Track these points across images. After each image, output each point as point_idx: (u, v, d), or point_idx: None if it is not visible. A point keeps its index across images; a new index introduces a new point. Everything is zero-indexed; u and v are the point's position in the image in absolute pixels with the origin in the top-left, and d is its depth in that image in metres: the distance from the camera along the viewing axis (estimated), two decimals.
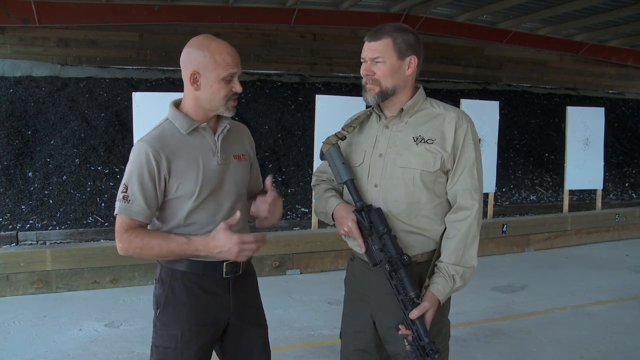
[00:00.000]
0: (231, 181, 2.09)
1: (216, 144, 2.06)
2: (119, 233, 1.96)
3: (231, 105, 2.04)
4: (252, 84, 9.65)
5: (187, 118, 2.03)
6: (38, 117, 7.70)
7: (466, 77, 11.95)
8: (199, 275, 2.05)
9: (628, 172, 10.76)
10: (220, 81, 1.97)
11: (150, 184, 1.95)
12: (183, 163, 1.99)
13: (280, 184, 7.82)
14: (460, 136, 2.05)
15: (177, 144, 2.00)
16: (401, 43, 2.04)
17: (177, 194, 1.99)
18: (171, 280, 2.05)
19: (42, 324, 4.50)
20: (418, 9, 10.28)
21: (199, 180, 2.00)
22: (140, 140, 2.01)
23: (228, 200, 2.08)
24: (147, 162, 1.95)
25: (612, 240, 7.96)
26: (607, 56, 13.47)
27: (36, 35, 8.69)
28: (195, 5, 9.30)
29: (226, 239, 1.93)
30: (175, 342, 2.03)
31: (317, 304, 5.07)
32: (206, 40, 1.99)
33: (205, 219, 2.03)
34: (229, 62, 1.97)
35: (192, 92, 2.01)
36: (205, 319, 2.06)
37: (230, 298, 2.10)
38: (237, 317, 2.13)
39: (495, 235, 7.09)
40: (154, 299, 2.10)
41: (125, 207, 1.95)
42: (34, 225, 6.24)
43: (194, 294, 2.04)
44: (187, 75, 1.99)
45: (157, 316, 2.07)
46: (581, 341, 4.29)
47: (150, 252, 1.96)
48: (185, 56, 2.00)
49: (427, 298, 1.95)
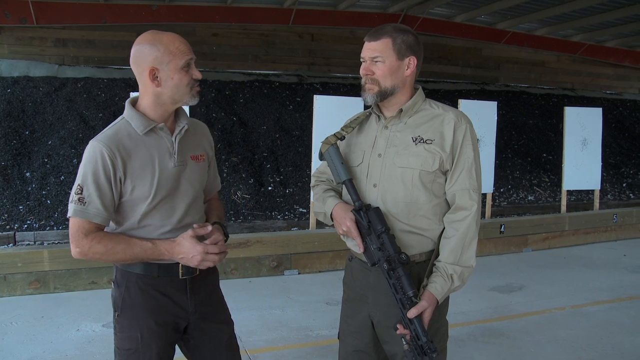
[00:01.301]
0: (187, 183, 2.06)
1: (173, 145, 2.03)
2: (75, 237, 1.92)
3: (195, 92, 2.01)
4: (250, 84, 9.65)
5: (143, 118, 1.99)
6: (36, 118, 7.69)
7: (464, 78, 11.96)
8: (154, 277, 2.03)
9: (625, 172, 10.78)
10: (180, 70, 1.94)
11: (106, 185, 1.91)
12: (138, 164, 1.95)
13: (279, 184, 7.82)
14: (459, 137, 2.06)
15: (133, 145, 1.96)
16: (400, 43, 2.04)
17: (132, 196, 1.96)
18: (127, 283, 2.03)
19: (40, 324, 4.49)
20: (416, 10, 10.28)
21: (155, 183, 1.97)
22: (94, 139, 1.96)
23: (183, 202, 2.05)
24: (102, 162, 1.90)
25: (609, 241, 7.97)
26: (604, 57, 13.49)
27: (34, 35, 8.67)
28: (193, 6, 9.29)
29: (191, 247, 1.95)
30: (136, 344, 2.02)
31: (315, 304, 5.07)
32: (155, 35, 1.96)
33: (159, 222, 2.01)
34: (182, 49, 1.94)
35: (152, 89, 1.96)
36: (164, 320, 2.05)
37: (188, 298, 2.08)
38: (198, 316, 2.12)
39: (493, 236, 7.09)
40: (112, 301, 2.08)
41: (82, 210, 1.90)
42: (31, 225, 6.23)
43: (150, 295, 2.03)
44: (145, 73, 1.94)
45: (115, 319, 2.07)
46: (579, 341, 4.30)
47: (112, 257, 1.95)
48: (138, 55, 1.95)
49: (425, 297, 1.95)
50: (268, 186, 7.74)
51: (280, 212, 7.31)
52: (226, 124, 8.52)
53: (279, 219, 7.17)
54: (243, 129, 8.61)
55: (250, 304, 5.02)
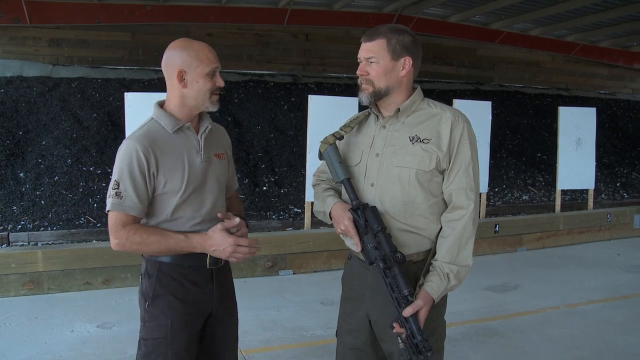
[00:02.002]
0: (213, 178, 2.20)
1: (199, 143, 2.17)
2: (114, 229, 2.02)
3: (215, 99, 2.16)
4: (245, 84, 9.64)
5: (172, 117, 2.13)
6: (29, 118, 7.66)
7: (459, 78, 11.99)
8: (184, 266, 2.12)
9: (619, 172, 10.82)
10: (205, 76, 2.09)
11: (141, 179, 2.03)
12: (170, 160, 2.09)
13: (273, 184, 7.82)
14: (456, 136, 2.06)
15: (164, 142, 2.09)
16: (395, 44, 2.05)
17: (165, 189, 2.08)
18: (158, 273, 2.11)
19: (34, 325, 4.47)
20: (411, 9, 10.30)
21: (185, 177, 2.10)
22: (128, 138, 2.10)
23: (211, 196, 2.18)
24: (137, 158, 2.03)
25: (603, 240, 8.00)
26: (598, 57, 13.55)
27: (27, 35, 8.64)
28: (187, 5, 9.28)
29: (223, 240, 2.07)
30: (165, 332, 2.08)
31: (310, 304, 5.07)
32: (187, 42, 2.12)
33: (190, 214, 2.12)
34: (211, 58, 2.11)
35: (179, 90, 2.11)
36: (193, 308, 2.14)
37: (214, 288, 2.19)
38: (219, 306, 2.22)
39: (488, 235, 7.11)
40: (141, 294, 2.16)
41: (119, 203, 2.01)
42: (25, 226, 6.20)
43: (181, 284, 2.12)
44: (173, 75, 2.09)
45: (145, 309, 2.13)
46: (573, 340, 4.31)
47: (147, 248, 2.05)
48: (169, 58, 2.11)
49: (421, 296, 1.95)
50: (263, 186, 7.73)
51: (275, 212, 7.31)
52: (221, 124, 8.45)
53: (274, 219, 7.16)
54: (238, 129, 8.60)
55: (245, 304, 5.00)
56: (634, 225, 8.36)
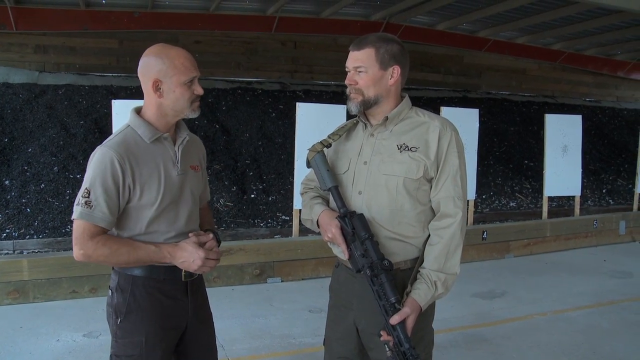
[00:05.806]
0: (188, 190, 2.15)
1: (176, 154, 2.11)
2: (81, 239, 1.94)
3: (196, 106, 2.09)
4: (233, 92, 9.64)
5: (150, 126, 2.06)
6: (15, 125, 7.59)
7: (446, 85, 12.06)
8: (160, 280, 2.08)
9: (605, 178, 10.93)
10: (182, 85, 2.01)
11: (114, 190, 1.96)
12: (147, 171, 2.02)
13: (261, 191, 7.81)
14: (444, 144, 2.07)
15: (140, 152, 2.03)
16: (384, 53, 2.05)
17: (140, 201, 2.02)
18: (132, 287, 2.06)
19: (19, 335, 4.41)
20: (398, 18, 10.36)
21: (161, 190, 2.04)
22: (104, 145, 2.01)
23: (185, 209, 2.13)
24: (112, 168, 1.95)
25: (590, 246, 8.06)
26: (583, 65, 13.71)
27: (12, 42, 8.59)
28: (175, 13, 9.27)
29: (193, 252, 2.04)
30: (139, 349, 2.03)
31: (298, 312, 5.05)
32: (163, 49, 2.03)
33: (165, 227, 2.07)
34: (188, 66, 2.02)
35: (155, 100, 2.04)
36: (168, 323, 2.10)
37: (189, 301, 2.15)
38: (194, 319, 2.18)
39: (476, 242, 7.13)
40: (112, 308, 2.08)
41: (88, 213, 1.93)
42: (10, 234, 6.14)
43: (156, 298, 2.07)
44: (149, 84, 2.02)
45: (117, 325, 2.06)
46: (561, 346, 4.33)
47: (115, 260, 1.98)
48: (144, 66, 2.03)
49: (408, 304, 1.95)
50: (251, 194, 7.72)
51: (263, 220, 7.29)
52: (209, 131, 8.49)
53: (262, 226, 7.15)
54: (226, 136, 8.58)
55: (233, 312, 4.99)
56: (619, 231, 8.43)
